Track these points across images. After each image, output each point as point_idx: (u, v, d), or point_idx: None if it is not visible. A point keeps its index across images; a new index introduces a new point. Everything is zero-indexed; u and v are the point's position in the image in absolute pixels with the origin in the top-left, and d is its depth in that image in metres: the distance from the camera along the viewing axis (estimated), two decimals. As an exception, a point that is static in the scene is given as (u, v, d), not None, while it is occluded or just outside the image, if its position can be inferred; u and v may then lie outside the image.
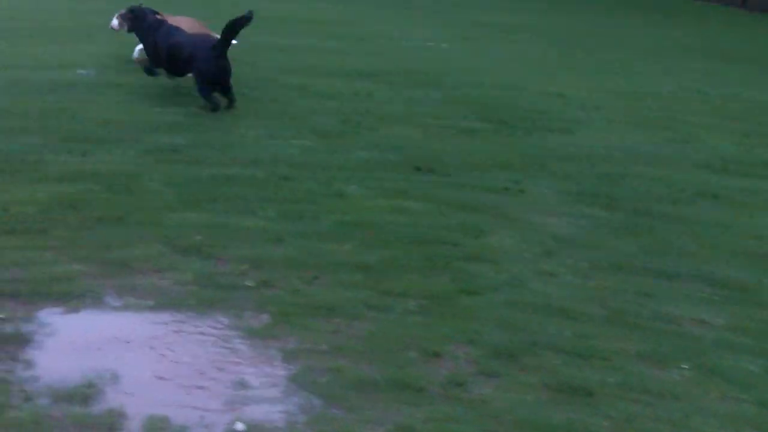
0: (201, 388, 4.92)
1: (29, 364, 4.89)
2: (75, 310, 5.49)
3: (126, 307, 5.58)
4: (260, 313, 5.67)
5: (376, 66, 11.66)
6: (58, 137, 7.98)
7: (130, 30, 9.58)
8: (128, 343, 5.24)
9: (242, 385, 4.97)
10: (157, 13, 9.46)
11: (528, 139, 9.25)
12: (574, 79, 12.08)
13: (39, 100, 8.77)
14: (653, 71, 13.08)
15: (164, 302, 5.67)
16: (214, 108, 9.06)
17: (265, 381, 5.04)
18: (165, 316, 5.53)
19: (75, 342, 5.20)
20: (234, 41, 9.16)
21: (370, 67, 11.59)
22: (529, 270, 6.37)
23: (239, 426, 4.52)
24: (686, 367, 5.27)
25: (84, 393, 4.67)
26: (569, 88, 11.41)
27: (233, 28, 8.87)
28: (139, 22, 9.37)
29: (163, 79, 9.93)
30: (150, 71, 9.45)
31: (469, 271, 6.32)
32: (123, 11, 9.67)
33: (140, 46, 9.78)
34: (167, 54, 9.18)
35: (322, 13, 15.36)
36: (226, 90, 9.12)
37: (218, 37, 9.00)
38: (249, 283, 5.98)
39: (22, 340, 5.08)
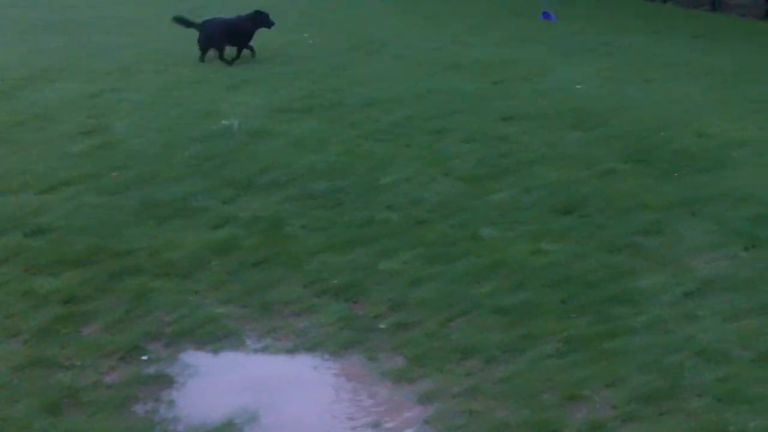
0: (337, 429, 4.99)
1: (172, 405, 5.07)
2: (217, 351, 5.67)
3: (265, 349, 5.72)
4: (395, 355, 5.72)
5: (513, 108, 11.63)
6: (206, 185, 8.28)
7: None
8: (267, 384, 5.37)
9: (377, 426, 5.01)
10: None
11: (670, 179, 9.01)
12: (719, 116, 11.69)
13: (188, 149, 9.13)
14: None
15: (302, 344, 5.79)
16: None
17: (401, 423, 5.07)
18: (303, 359, 5.65)
19: (216, 383, 5.37)
20: None
21: (507, 109, 11.56)
22: (671, 312, 6.19)
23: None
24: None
25: (224, 433, 4.81)
26: (713, 127, 11.06)
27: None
28: None
29: (305, 125, 10.22)
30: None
31: (609, 314, 6.20)
32: None
33: None
34: None
35: (460, 56, 15.45)
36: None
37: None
38: (383, 325, 6.04)
39: (165, 381, 5.28)
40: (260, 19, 13.17)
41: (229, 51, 12.98)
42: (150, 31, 14.15)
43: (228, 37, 13.00)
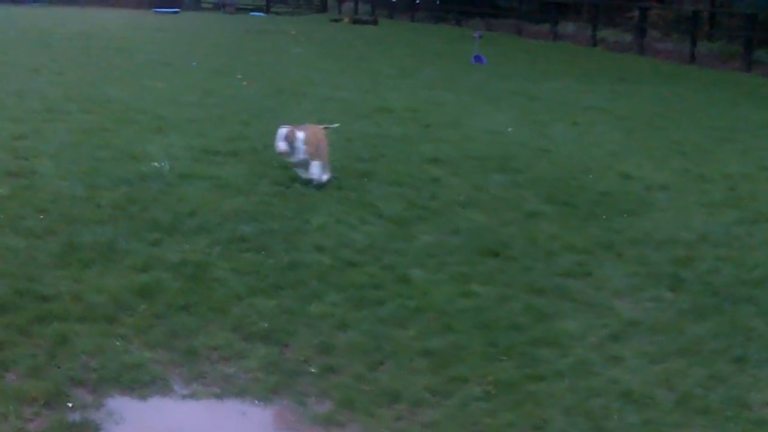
0: (265, 476, 4.94)
1: (97, 453, 4.96)
2: (143, 398, 5.57)
3: (193, 396, 5.64)
4: (324, 399, 5.69)
5: (440, 151, 11.77)
6: (131, 227, 8.18)
7: None
8: (195, 431, 5.29)
9: (306, 472, 4.98)
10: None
11: (594, 222, 9.20)
12: (641, 159, 12.02)
13: (114, 191, 9.03)
14: (723, 151, 12.95)
15: (230, 390, 5.72)
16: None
17: (329, 469, 5.04)
18: (230, 404, 5.58)
19: (143, 430, 5.27)
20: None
21: (434, 152, 11.71)
22: (596, 354, 6.29)
23: None
24: (760, 454, 5.13)
25: (150, 481, 4.72)
26: (636, 169, 11.35)
27: None
28: None
29: (232, 168, 10.18)
30: None
31: (534, 356, 6.27)
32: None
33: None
34: None
35: (387, 100, 15.61)
36: None
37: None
38: (313, 369, 6.01)
39: (91, 428, 5.16)
40: None
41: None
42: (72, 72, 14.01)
43: None
